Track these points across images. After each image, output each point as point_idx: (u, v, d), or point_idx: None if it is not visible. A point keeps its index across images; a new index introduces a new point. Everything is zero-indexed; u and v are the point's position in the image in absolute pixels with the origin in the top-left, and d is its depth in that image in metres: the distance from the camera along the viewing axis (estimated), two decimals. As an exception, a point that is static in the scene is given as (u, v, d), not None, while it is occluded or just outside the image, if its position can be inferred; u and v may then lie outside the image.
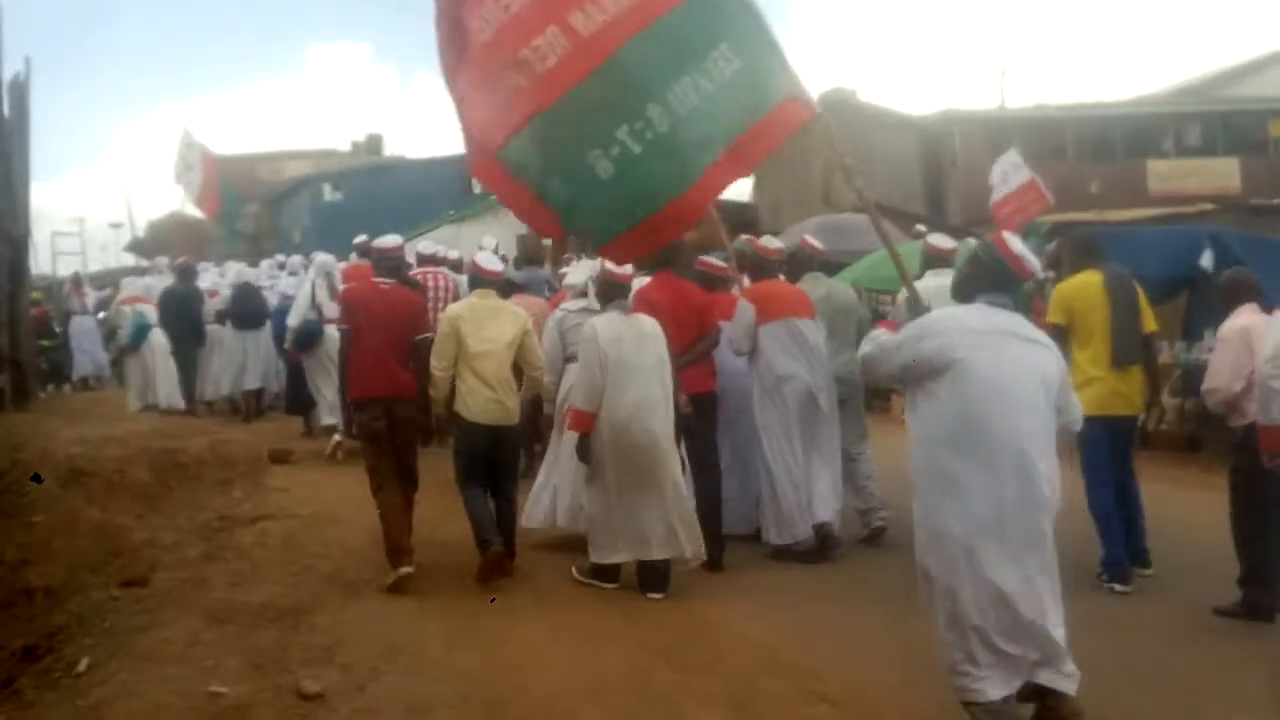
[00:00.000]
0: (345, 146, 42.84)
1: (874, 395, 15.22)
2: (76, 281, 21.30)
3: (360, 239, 13.02)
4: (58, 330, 19.88)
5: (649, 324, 6.85)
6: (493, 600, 5.36)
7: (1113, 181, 23.53)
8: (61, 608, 6.22)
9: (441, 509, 7.86)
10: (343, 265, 12.34)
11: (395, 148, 44.31)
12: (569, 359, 7.57)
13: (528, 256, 12.50)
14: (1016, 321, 4.60)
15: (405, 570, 6.70)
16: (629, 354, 6.67)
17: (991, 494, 4.34)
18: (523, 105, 5.10)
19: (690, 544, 6.68)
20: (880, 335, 4.90)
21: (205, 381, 14.49)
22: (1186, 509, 8.18)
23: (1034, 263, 4.79)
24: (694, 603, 6.54)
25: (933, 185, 28.11)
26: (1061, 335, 6.75)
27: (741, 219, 28.21)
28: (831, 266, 15.18)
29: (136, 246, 43.53)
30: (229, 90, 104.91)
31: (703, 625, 6.13)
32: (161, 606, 6.01)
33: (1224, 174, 25.37)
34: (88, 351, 18.92)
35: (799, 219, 21.83)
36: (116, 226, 47.50)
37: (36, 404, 11.38)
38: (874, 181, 26.99)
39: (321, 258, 12.00)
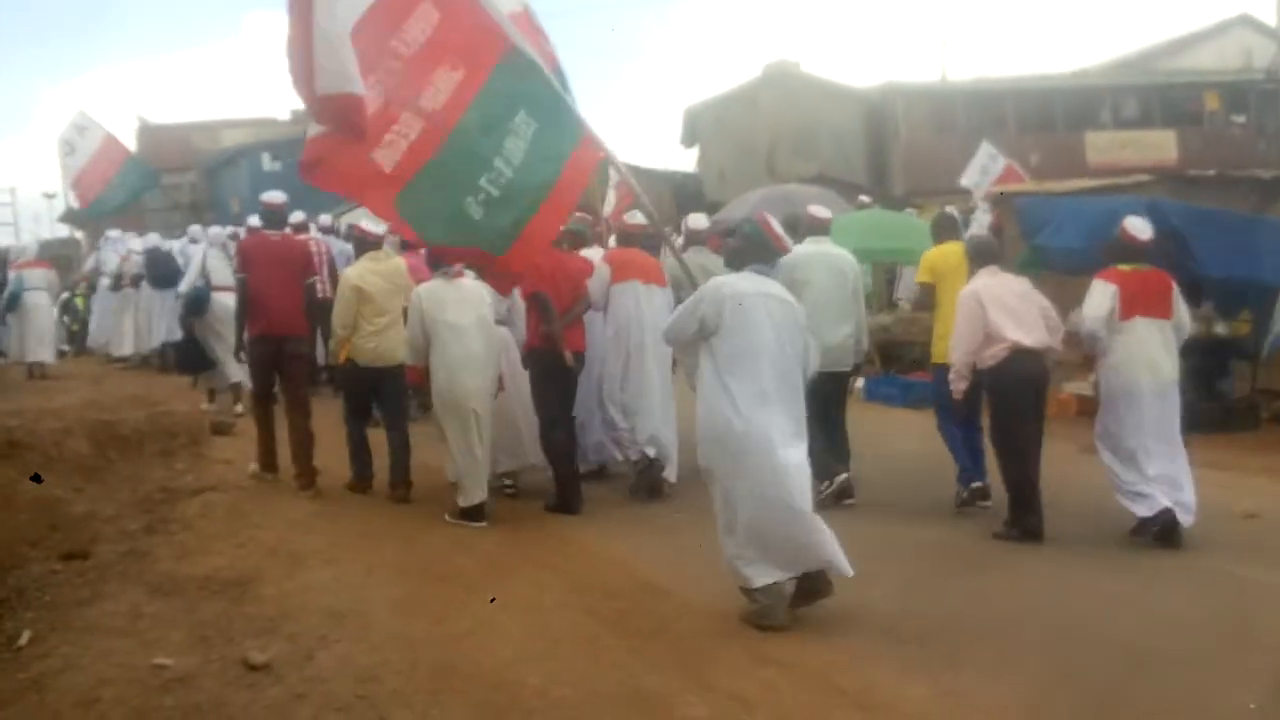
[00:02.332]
0: (284, 115, 42.17)
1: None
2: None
3: (298, 217, 13.00)
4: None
5: (472, 287, 7.73)
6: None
7: (1052, 153, 23.82)
8: (0, 581, 6.11)
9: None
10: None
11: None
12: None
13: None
14: (774, 285, 5.84)
15: (270, 475, 8.25)
16: (451, 315, 7.56)
17: (757, 414, 5.50)
18: (398, 173, 6.18)
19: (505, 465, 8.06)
20: (677, 311, 6.21)
21: (124, 339, 16.36)
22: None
23: (789, 240, 6.21)
24: (638, 570, 6.56)
25: (876, 156, 28.26)
26: (929, 293, 8.35)
27: (686, 189, 28.28)
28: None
29: (70, 217, 42.67)
30: (164, 55, 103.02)
31: (650, 592, 6.15)
32: (103, 579, 5.93)
33: (1161, 146, 25.78)
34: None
35: (744, 190, 21.84)
36: (50, 197, 46.53)
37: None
38: (817, 152, 27.20)
39: (214, 230, 13.29)
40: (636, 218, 8.96)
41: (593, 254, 9.12)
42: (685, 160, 32.67)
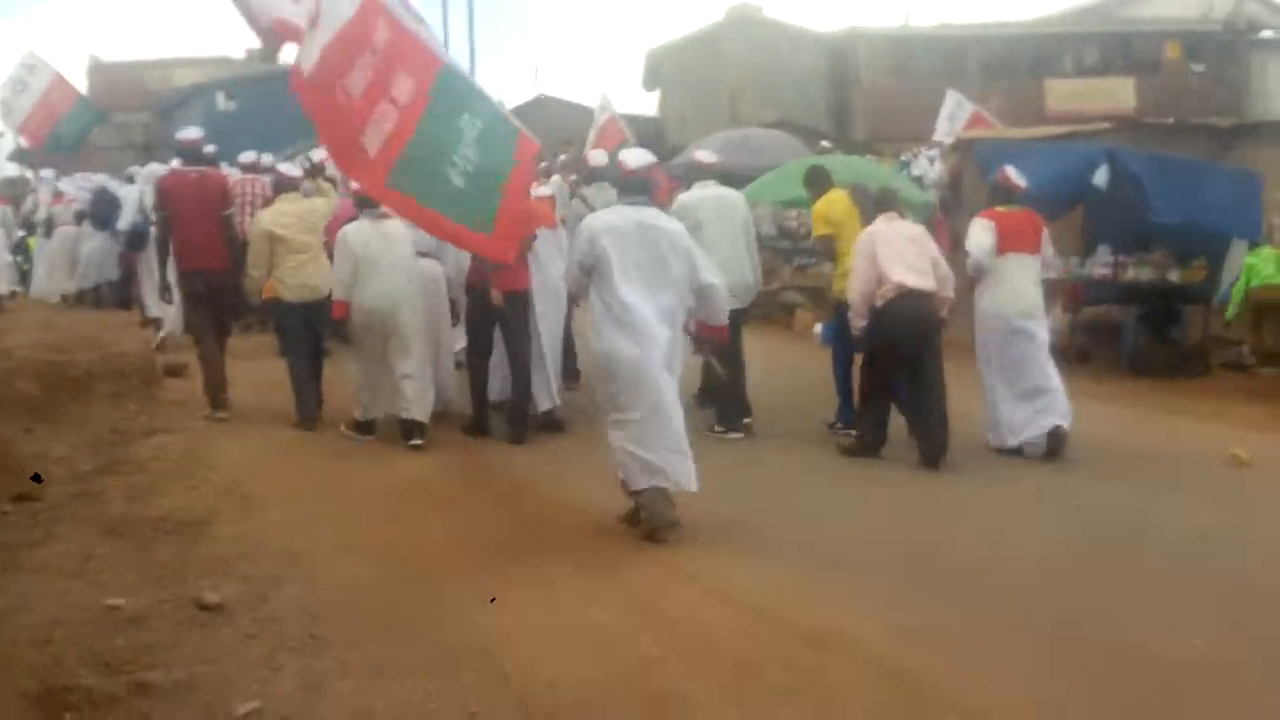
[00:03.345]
0: (239, 54, 41.41)
1: (777, 310, 15.42)
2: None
3: (248, 156, 13.22)
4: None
5: (395, 227, 8.18)
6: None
7: (1013, 100, 23.82)
8: (-52, 523, 6.04)
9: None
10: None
11: (291, 56, 42.93)
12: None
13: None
14: (649, 213, 6.18)
15: (222, 415, 8.40)
16: (375, 253, 8.04)
17: (640, 339, 5.91)
18: (383, 157, 6.95)
19: (418, 408, 8.07)
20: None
21: (61, 277, 16.60)
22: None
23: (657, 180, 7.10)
24: (594, 510, 6.55)
25: (837, 101, 28.20)
26: (830, 243, 8.80)
27: (647, 133, 28.10)
28: (733, 180, 15.20)
29: (20, 157, 41.84)
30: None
31: (604, 532, 6.15)
32: (55, 521, 5.88)
33: (1119, 93, 25.89)
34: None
35: (705, 133, 21.72)
36: (-1, 135, 45.56)
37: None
38: (779, 97, 27.09)
39: (153, 167, 13.35)
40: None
41: None
42: (647, 104, 32.42)
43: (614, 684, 4.24)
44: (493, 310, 8.30)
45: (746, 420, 8.72)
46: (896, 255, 7.78)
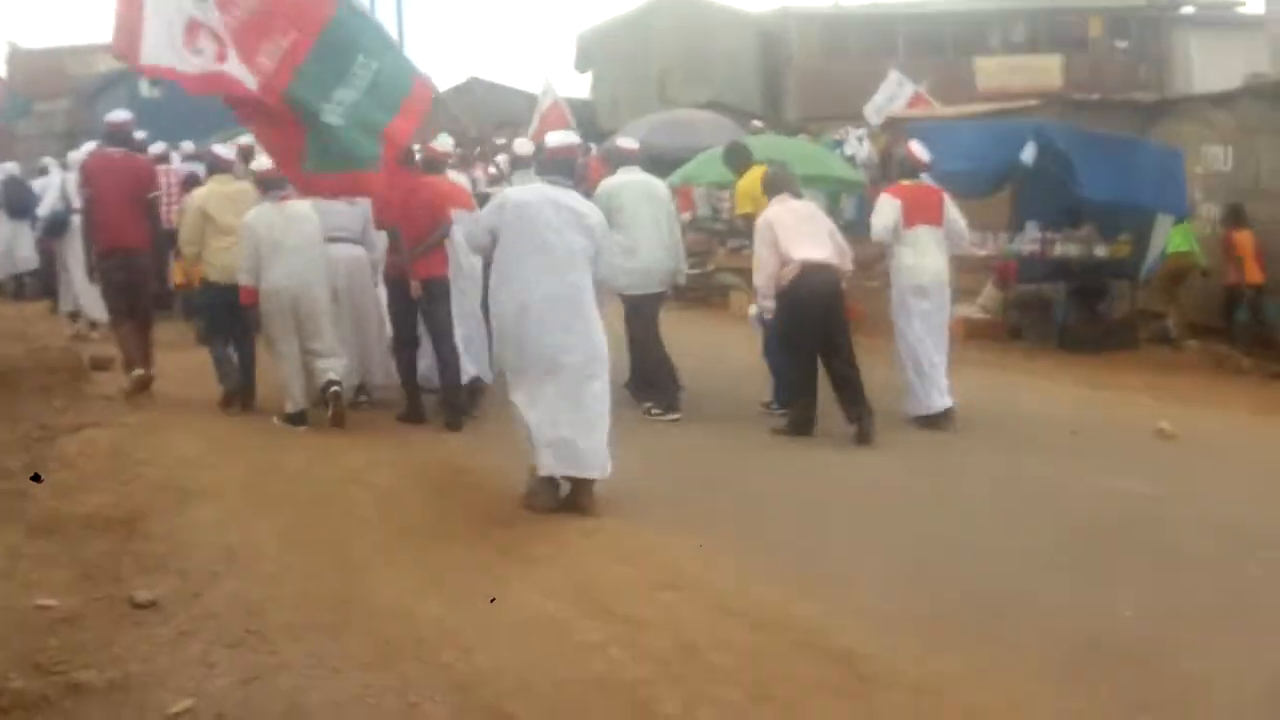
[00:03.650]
0: (163, 40, 40.63)
1: (713, 292, 15.45)
2: None
3: (157, 148, 13.68)
4: None
5: (299, 209, 8.31)
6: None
7: (943, 78, 23.97)
8: None
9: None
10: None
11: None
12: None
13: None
14: (559, 192, 6.30)
15: (139, 371, 8.60)
16: (279, 235, 8.12)
17: (541, 313, 6.10)
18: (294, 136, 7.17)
19: (335, 373, 8.25)
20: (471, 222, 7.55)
21: None
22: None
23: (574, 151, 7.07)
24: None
25: (770, 83, 28.30)
26: (754, 221, 8.50)
27: (580, 116, 27.98)
28: (666, 162, 15.20)
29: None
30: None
31: (544, 521, 6.14)
32: (-20, 520, 5.74)
33: (1047, 71, 26.22)
34: None
35: (636, 116, 21.72)
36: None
37: None
38: (710, 78, 27.13)
39: (74, 154, 13.27)
40: (446, 144, 9.60)
41: None
42: (579, 87, 32.29)
43: (555, 670, 4.24)
44: (413, 300, 8.29)
45: (680, 390, 8.84)
46: (795, 234, 7.99)
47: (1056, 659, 4.38)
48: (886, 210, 8.60)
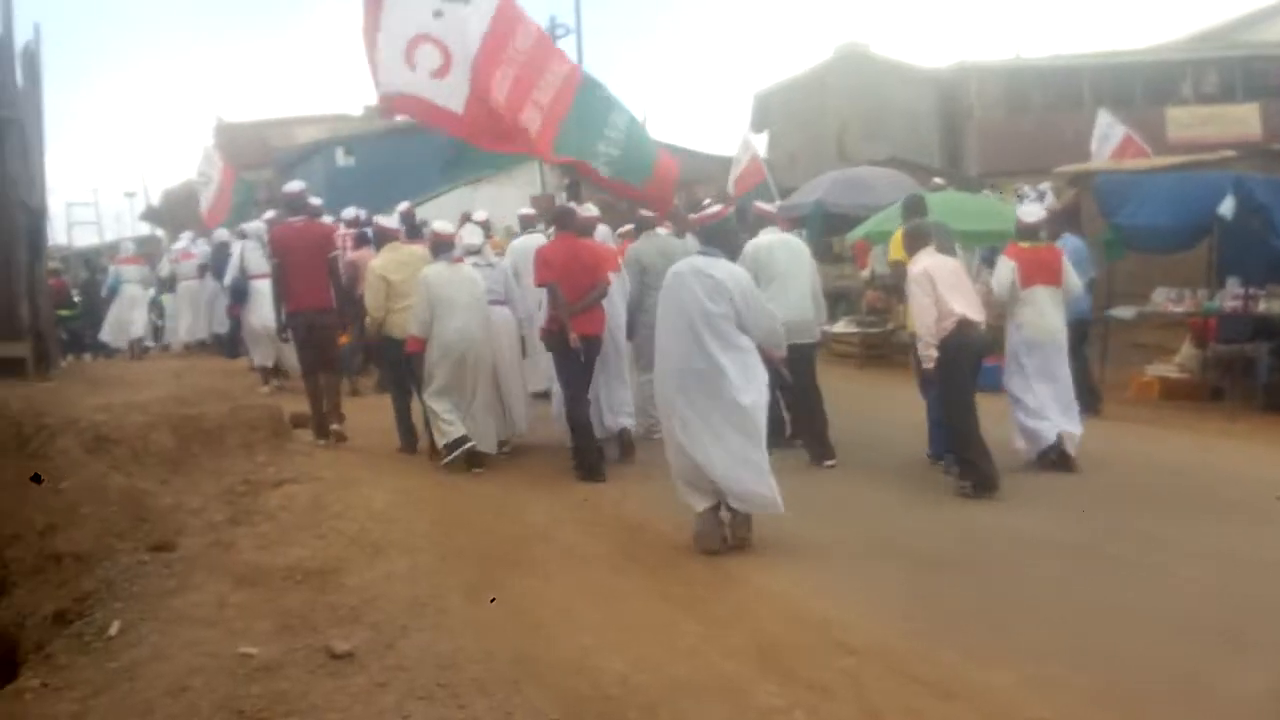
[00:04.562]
0: (358, 111, 42.59)
1: (895, 350, 15.21)
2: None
3: (349, 212, 14.61)
4: (76, 300, 20.14)
5: (468, 270, 9.16)
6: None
7: (1132, 130, 23.29)
8: (90, 573, 6.23)
9: (467, 475, 8.74)
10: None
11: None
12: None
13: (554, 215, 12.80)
14: (707, 261, 6.78)
15: (323, 441, 9.51)
16: (452, 293, 8.83)
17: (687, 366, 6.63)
18: (544, 132, 9.43)
19: (500, 433, 9.41)
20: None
21: (182, 328, 18.40)
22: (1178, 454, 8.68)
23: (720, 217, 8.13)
24: (715, 558, 6.56)
25: (949, 137, 27.92)
26: (901, 268, 8.77)
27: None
28: (849, 220, 15.11)
29: (151, 216, 43.53)
30: (238, 52, 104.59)
31: (726, 580, 6.15)
32: (190, 570, 6.02)
33: (1244, 120, 25.07)
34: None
35: (814, 173, 21.65)
36: (131, 196, 47.57)
37: (57, 373, 11.42)
38: (889, 134, 26.92)
39: (252, 225, 14.29)
40: (590, 210, 10.13)
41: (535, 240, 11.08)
42: (757, 144, 32.46)
43: (740, 734, 4.20)
44: (570, 354, 8.79)
45: (830, 462, 9.08)
46: (952, 289, 8.13)
47: None
48: (1003, 271, 9.00)
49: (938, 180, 18.47)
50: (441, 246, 9.16)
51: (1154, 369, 12.57)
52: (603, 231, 11.57)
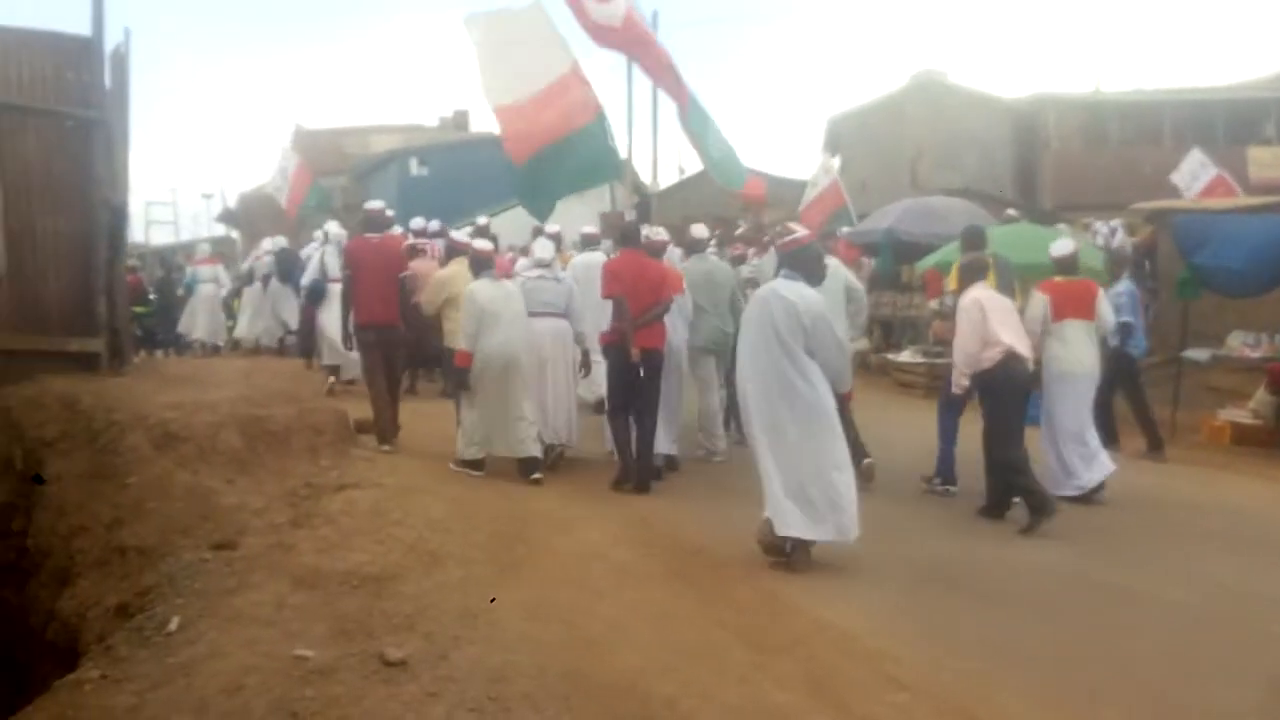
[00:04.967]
0: (432, 122, 43.11)
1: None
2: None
3: (418, 223, 15.17)
4: (151, 297, 20.56)
5: (512, 287, 9.47)
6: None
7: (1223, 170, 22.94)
8: (153, 567, 6.34)
9: (525, 488, 8.76)
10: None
11: (480, 124, 44.47)
12: (528, 313, 9.51)
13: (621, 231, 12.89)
14: (787, 286, 7.01)
15: (388, 448, 9.56)
16: (498, 308, 9.10)
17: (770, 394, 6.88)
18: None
19: (533, 446, 9.17)
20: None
21: (252, 327, 18.93)
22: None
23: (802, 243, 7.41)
24: (769, 584, 6.53)
25: (1024, 169, 27.65)
26: (953, 300, 9.05)
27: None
28: (920, 249, 15.00)
29: (227, 217, 44.36)
30: (317, 59, 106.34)
31: (779, 607, 6.11)
32: (250, 570, 6.10)
33: (1328, 161, 24.58)
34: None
35: (886, 201, 21.54)
36: (208, 197, 48.46)
37: (130, 369, 11.64)
38: (962, 163, 26.71)
39: (334, 230, 14.78)
40: (659, 232, 10.36)
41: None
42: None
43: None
44: (631, 368, 9.05)
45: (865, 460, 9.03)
46: (1002, 322, 8.31)
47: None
48: (1035, 305, 9.17)
49: (1011, 212, 18.28)
50: (481, 263, 9.46)
51: (1227, 413, 12.33)
52: (675, 254, 11.74)
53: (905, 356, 16.24)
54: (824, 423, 6.84)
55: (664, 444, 9.65)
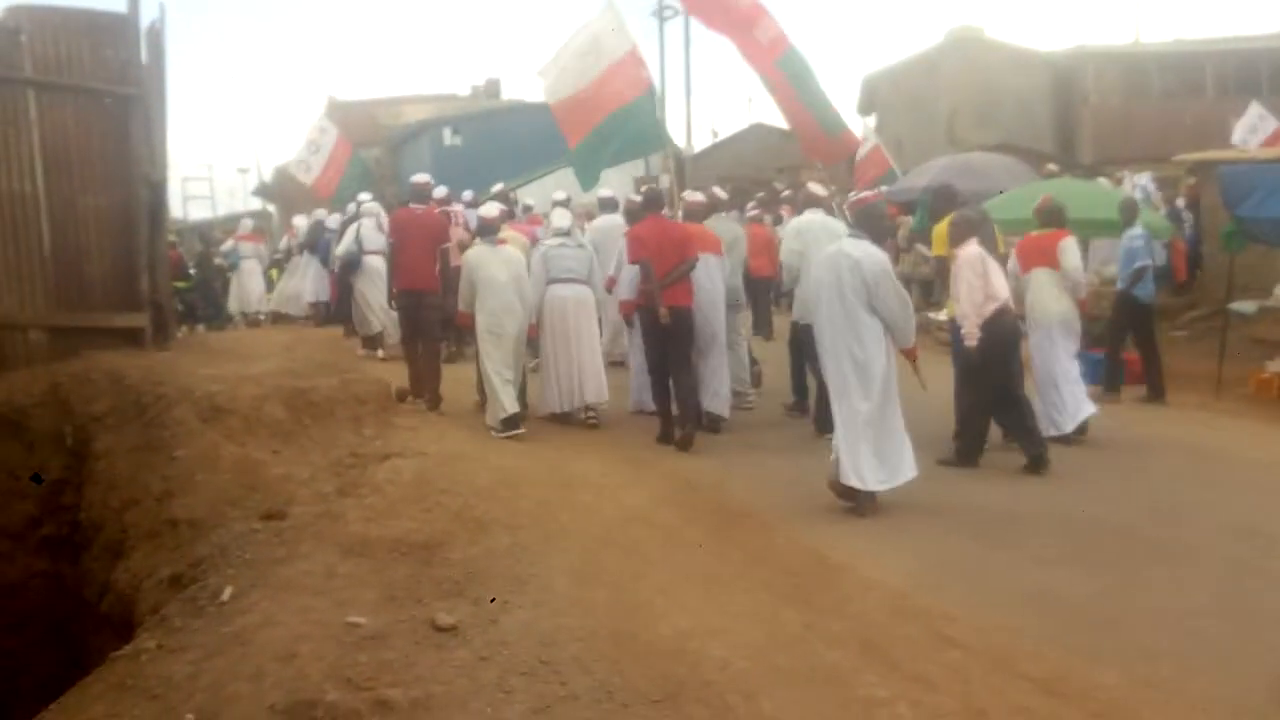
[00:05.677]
0: (465, 91, 43.07)
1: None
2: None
3: (440, 192, 14.59)
4: (191, 272, 20.76)
5: (509, 252, 9.95)
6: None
7: None
8: (204, 539, 6.40)
9: (567, 453, 8.72)
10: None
11: (512, 92, 44.38)
12: (551, 279, 10.04)
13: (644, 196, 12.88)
14: (852, 244, 7.42)
15: (419, 402, 10.27)
16: (493, 273, 9.63)
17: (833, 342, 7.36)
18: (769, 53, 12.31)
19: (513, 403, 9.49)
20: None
21: (281, 297, 19.93)
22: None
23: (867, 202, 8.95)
24: (818, 545, 6.53)
25: (1063, 123, 27.28)
26: (946, 263, 9.21)
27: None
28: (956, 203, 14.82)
29: (263, 191, 44.60)
30: (349, 31, 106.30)
31: (828, 568, 6.11)
32: (299, 539, 6.14)
33: (1375, 109, 24.06)
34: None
35: (922, 159, 21.32)
36: (244, 172, 48.70)
37: (174, 343, 11.74)
38: (1000, 119, 26.39)
39: (369, 204, 15.06)
40: (696, 195, 11.03)
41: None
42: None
43: (842, 724, 4.17)
44: (661, 328, 9.32)
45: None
46: (998, 275, 8.49)
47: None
48: (1011, 260, 9.49)
49: (1052, 167, 18.08)
50: (485, 229, 10.02)
51: (1274, 365, 12.16)
52: (721, 216, 12.00)
53: (944, 314, 16.10)
54: (879, 384, 7.24)
55: (710, 398, 9.96)
